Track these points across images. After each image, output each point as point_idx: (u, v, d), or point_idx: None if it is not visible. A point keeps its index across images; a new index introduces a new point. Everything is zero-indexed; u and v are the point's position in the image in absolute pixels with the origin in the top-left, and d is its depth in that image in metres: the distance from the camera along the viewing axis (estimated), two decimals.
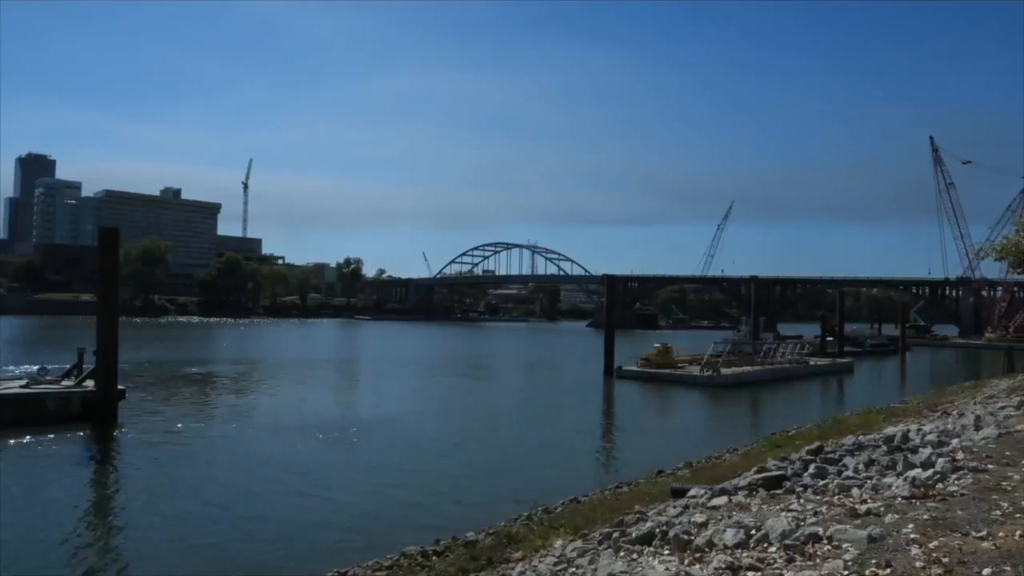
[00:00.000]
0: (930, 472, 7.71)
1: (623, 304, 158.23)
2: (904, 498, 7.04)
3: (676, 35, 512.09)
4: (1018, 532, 5.53)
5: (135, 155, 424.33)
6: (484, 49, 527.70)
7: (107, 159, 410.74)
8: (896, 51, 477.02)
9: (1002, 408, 14.89)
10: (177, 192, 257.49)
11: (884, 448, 10.70)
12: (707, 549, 6.41)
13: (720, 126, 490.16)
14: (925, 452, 9.06)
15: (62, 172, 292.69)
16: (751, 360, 56.62)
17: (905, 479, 7.60)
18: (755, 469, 11.40)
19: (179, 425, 30.32)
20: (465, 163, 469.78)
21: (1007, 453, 8.99)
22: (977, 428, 11.87)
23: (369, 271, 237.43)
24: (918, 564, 5.03)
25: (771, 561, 5.65)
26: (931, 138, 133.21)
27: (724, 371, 49.13)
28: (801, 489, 8.67)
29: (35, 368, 34.52)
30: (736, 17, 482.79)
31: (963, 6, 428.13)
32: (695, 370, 49.81)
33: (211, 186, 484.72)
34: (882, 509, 6.71)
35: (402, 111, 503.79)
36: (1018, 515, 6.04)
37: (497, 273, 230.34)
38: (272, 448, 26.12)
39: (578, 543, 8.91)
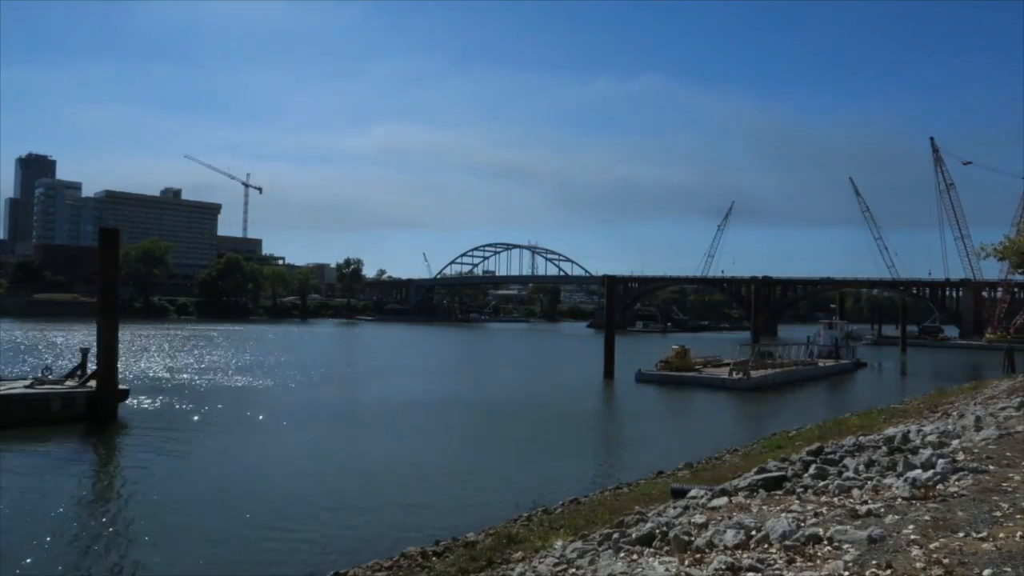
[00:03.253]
0: (930, 473, 7.70)
1: (623, 305, 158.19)
2: (904, 499, 7.03)
3: (674, 35, 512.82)
4: (1018, 533, 5.52)
5: (135, 155, 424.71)
6: (487, 50, 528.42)
7: (107, 159, 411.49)
8: (896, 51, 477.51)
9: (1002, 409, 14.86)
10: (177, 192, 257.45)
11: (884, 449, 10.69)
12: (707, 550, 6.41)
13: (720, 126, 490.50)
14: (925, 453, 9.04)
15: (62, 172, 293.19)
16: (763, 364, 56.53)
17: (905, 480, 7.59)
18: (755, 470, 11.39)
19: (181, 425, 30.36)
20: (466, 163, 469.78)
21: (1007, 454, 8.98)
22: (977, 429, 11.85)
23: (369, 271, 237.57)
24: (918, 565, 5.02)
25: (771, 562, 5.64)
26: (931, 139, 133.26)
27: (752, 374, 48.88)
28: (801, 490, 8.66)
29: (39, 369, 34.50)
30: (733, 15, 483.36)
31: (963, 6, 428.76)
32: (720, 373, 49.70)
33: (211, 186, 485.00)
34: (882, 510, 6.71)
35: (403, 111, 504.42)
36: (1018, 516, 6.03)
37: (497, 274, 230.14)
38: (273, 449, 26.14)
39: (578, 544, 8.91)
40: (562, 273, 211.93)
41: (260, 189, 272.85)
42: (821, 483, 8.87)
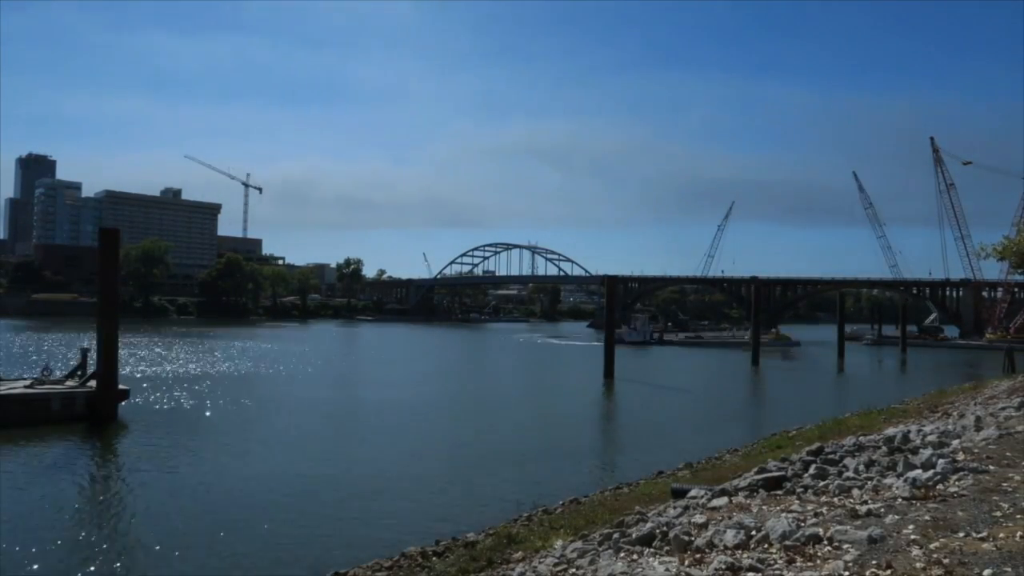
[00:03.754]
0: (930, 473, 7.70)
1: (623, 304, 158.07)
2: (904, 499, 7.03)
3: (673, 35, 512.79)
4: (1018, 533, 5.52)
5: (135, 154, 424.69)
6: (487, 50, 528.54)
7: (107, 159, 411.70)
8: (896, 50, 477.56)
9: (1003, 409, 14.85)
10: (177, 192, 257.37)
11: (884, 449, 10.68)
12: (707, 550, 6.41)
13: (720, 126, 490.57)
14: (925, 453, 9.03)
15: (62, 172, 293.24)
16: None
17: (905, 480, 7.59)
18: (755, 470, 11.38)
19: (181, 425, 30.35)
20: (466, 163, 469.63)
21: (1007, 454, 8.97)
22: (977, 429, 11.84)
23: (369, 271, 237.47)
24: (918, 565, 5.02)
25: (771, 562, 5.64)
26: (932, 139, 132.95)
27: None
28: (801, 490, 8.66)
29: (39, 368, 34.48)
30: (734, 16, 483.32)
31: (964, 5, 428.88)
32: None
33: (211, 186, 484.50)
34: (882, 510, 6.70)
35: (403, 111, 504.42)
36: (1018, 516, 6.03)
37: (497, 273, 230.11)
38: (273, 449, 26.13)
39: (578, 544, 8.91)
40: (562, 273, 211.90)
41: (260, 189, 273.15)
42: (821, 483, 8.86)
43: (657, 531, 7.67)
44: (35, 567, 13.93)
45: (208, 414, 33.47)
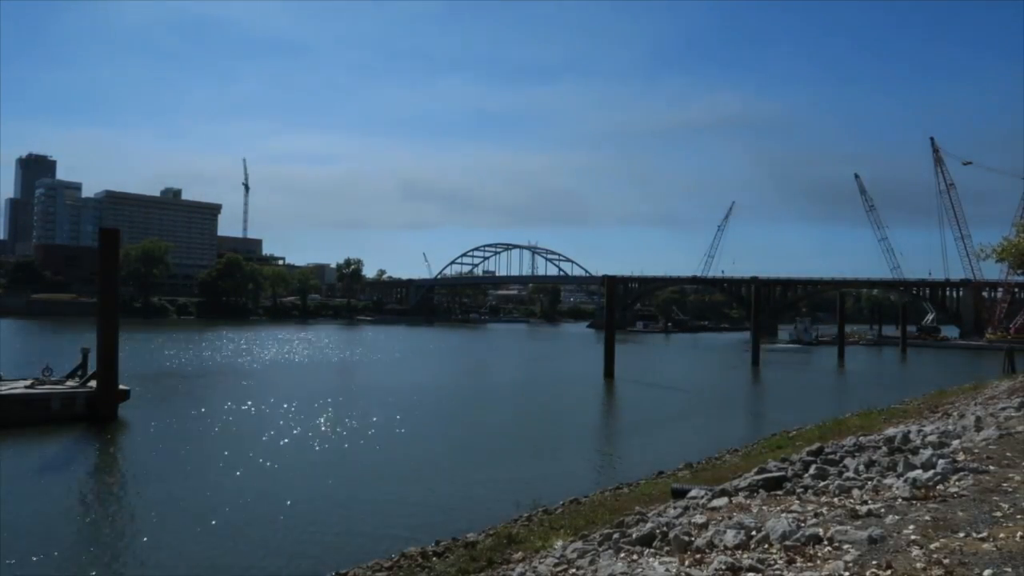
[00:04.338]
0: (931, 473, 7.70)
1: (623, 305, 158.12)
2: (905, 499, 7.03)
3: (672, 34, 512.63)
4: (1019, 533, 5.52)
5: (135, 155, 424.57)
6: (486, 51, 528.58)
7: (107, 159, 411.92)
8: (896, 51, 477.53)
9: (1003, 409, 14.85)
10: (177, 192, 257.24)
11: (885, 449, 10.69)
12: (707, 550, 6.41)
13: (719, 126, 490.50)
14: (926, 453, 9.04)
15: (62, 172, 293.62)
16: None
17: (906, 480, 7.60)
18: (755, 470, 11.38)
19: (181, 425, 30.34)
20: (466, 164, 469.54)
21: (1008, 454, 8.98)
22: (978, 429, 11.85)
23: (369, 271, 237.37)
24: (919, 565, 5.02)
25: (771, 562, 5.64)
26: (932, 139, 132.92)
27: None
28: (801, 490, 8.66)
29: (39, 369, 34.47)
30: (735, 17, 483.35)
31: (965, 5, 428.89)
32: None
33: (211, 186, 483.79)
34: (883, 510, 6.70)
35: (402, 114, 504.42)
36: (1019, 516, 6.03)
37: (497, 274, 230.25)
38: (273, 449, 26.13)
39: (578, 544, 8.91)
40: (562, 273, 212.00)
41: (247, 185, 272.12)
42: (821, 483, 8.86)
43: (657, 531, 7.67)
44: (35, 567, 13.92)
45: (209, 414, 33.46)
